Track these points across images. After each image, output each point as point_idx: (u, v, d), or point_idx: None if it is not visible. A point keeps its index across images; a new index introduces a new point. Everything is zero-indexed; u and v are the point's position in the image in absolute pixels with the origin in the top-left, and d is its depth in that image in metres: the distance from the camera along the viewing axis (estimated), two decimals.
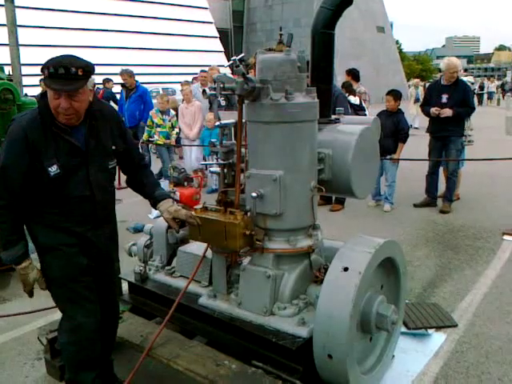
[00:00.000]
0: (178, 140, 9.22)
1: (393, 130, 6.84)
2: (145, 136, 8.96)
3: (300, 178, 2.76)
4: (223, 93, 2.61)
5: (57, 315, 3.85)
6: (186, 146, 9.12)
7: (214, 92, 2.66)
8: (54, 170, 2.40)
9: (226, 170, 3.08)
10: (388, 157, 6.83)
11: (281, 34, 2.75)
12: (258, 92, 2.64)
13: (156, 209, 2.84)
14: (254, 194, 2.70)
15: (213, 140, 3.13)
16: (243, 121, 2.81)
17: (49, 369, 3.17)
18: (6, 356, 3.47)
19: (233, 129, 3.11)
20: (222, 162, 3.06)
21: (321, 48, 3.13)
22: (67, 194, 2.47)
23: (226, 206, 2.85)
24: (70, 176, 2.46)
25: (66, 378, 2.73)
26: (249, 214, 2.76)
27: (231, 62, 2.62)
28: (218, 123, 3.12)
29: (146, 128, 8.99)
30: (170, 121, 8.73)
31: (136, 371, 2.71)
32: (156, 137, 8.75)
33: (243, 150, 2.89)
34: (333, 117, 3.23)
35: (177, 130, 8.85)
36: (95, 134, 2.55)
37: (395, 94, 7.07)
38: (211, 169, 3.30)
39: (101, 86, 11.28)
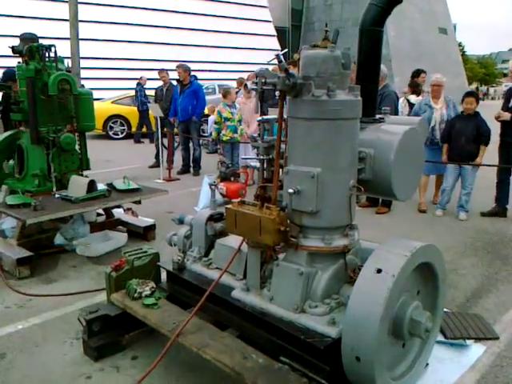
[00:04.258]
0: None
1: (475, 134, 6.58)
2: (214, 134, 9.03)
3: (338, 176, 2.72)
4: (264, 87, 2.62)
5: (98, 298, 4.02)
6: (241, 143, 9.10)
7: (255, 86, 2.67)
8: None
9: (265, 166, 3.09)
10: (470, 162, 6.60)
11: (326, 30, 2.71)
12: (300, 88, 2.63)
13: None
14: (290, 190, 2.69)
15: (254, 135, 3.15)
16: (284, 116, 2.81)
17: (85, 349, 3.29)
18: (49, 333, 3.63)
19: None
20: (262, 157, 3.08)
21: (368, 45, 3.08)
22: None
23: (263, 201, 2.85)
24: None
25: None
26: (285, 210, 2.76)
27: (273, 57, 2.62)
28: (259, 118, 3.13)
29: (214, 125, 9.05)
30: (237, 114, 8.78)
31: (164, 355, 2.79)
32: (223, 131, 8.76)
33: (283, 145, 2.89)
34: (377, 116, 3.17)
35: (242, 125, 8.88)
36: None
37: (477, 96, 6.92)
38: (252, 163, 3.32)
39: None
